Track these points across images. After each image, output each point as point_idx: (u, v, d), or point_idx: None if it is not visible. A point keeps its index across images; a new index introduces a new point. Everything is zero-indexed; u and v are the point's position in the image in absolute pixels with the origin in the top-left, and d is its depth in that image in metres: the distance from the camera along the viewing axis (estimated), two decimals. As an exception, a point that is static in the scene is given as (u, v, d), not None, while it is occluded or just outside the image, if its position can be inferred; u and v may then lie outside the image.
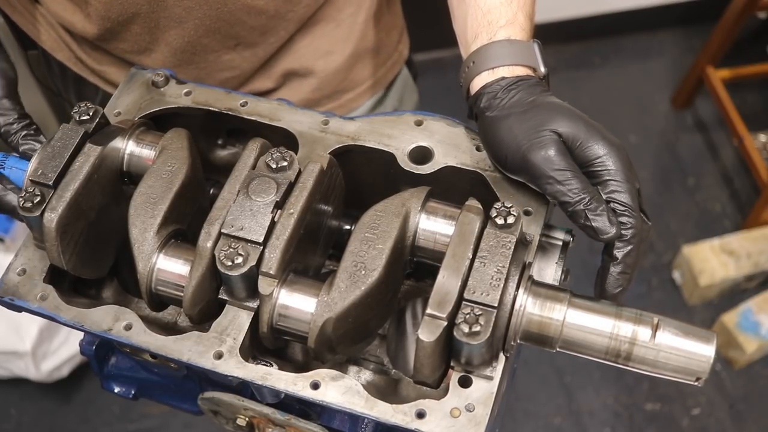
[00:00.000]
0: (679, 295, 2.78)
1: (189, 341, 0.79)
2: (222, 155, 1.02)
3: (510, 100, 0.84)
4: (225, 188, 0.81)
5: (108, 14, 1.12)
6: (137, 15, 1.12)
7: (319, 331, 0.75)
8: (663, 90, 3.32)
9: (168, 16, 1.12)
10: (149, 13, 1.12)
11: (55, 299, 0.83)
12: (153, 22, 1.13)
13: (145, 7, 1.11)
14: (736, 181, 3.06)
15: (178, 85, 0.96)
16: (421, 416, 0.73)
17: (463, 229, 0.76)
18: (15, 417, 2.55)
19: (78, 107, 0.86)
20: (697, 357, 0.73)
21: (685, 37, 3.50)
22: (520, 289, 0.75)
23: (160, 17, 1.12)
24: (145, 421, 2.54)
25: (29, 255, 0.85)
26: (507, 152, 0.81)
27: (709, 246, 2.72)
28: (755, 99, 3.26)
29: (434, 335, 0.71)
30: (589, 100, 3.32)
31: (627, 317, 0.75)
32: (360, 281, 0.76)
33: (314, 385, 0.76)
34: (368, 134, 0.90)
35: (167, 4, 1.10)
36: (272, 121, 0.92)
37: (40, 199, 0.80)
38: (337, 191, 0.88)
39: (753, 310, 2.59)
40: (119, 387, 1.05)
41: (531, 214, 0.83)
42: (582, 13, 3.38)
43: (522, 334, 0.76)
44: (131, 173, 0.88)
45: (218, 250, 0.77)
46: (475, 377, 0.75)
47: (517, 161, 0.80)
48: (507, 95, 0.84)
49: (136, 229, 0.81)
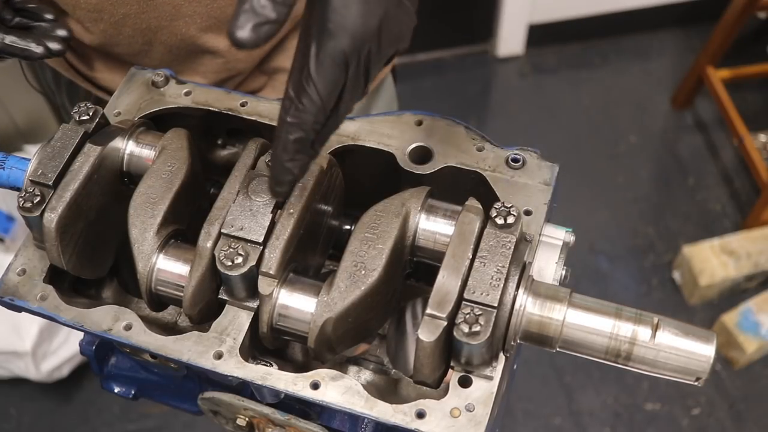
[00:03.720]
0: (679, 295, 2.79)
1: (189, 341, 0.79)
2: (222, 155, 1.02)
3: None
4: (225, 188, 0.81)
5: (100, 16, 1.11)
6: (127, 16, 1.11)
7: (319, 331, 0.75)
8: (663, 90, 3.32)
9: (158, 16, 1.12)
10: (139, 14, 1.11)
11: (55, 299, 0.83)
12: (144, 22, 1.12)
13: (135, 8, 1.10)
14: (736, 181, 3.07)
15: (177, 85, 0.96)
16: (421, 416, 0.73)
17: (463, 229, 0.76)
18: (15, 417, 2.55)
19: (78, 107, 0.86)
20: (697, 357, 0.73)
21: (685, 37, 3.50)
22: (520, 289, 0.75)
23: (151, 17, 1.12)
24: (145, 421, 2.54)
25: (29, 255, 0.85)
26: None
27: (709, 246, 2.72)
28: (755, 99, 3.26)
29: (434, 335, 0.71)
30: (589, 100, 3.32)
31: (627, 317, 0.75)
32: (360, 281, 0.76)
33: (314, 385, 0.76)
34: (368, 134, 0.90)
35: (156, 3, 1.10)
36: (272, 121, 0.92)
37: (40, 199, 0.80)
38: (337, 191, 0.88)
39: (753, 310, 2.59)
40: (119, 387, 1.05)
41: (531, 214, 0.83)
42: (582, 13, 3.38)
43: (522, 334, 0.76)
44: (131, 173, 0.88)
45: (218, 250, 0.77)
46: (475, 377, 0.75)
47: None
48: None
49: (136, 229, 0.81)
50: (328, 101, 0.69)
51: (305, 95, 0.68)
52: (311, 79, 0.68)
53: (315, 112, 0.69)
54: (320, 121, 0.70)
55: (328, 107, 0.70)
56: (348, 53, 0.67)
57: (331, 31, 0.67)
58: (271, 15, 0.63)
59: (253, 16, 0.63)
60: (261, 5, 0.63)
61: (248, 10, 0.63)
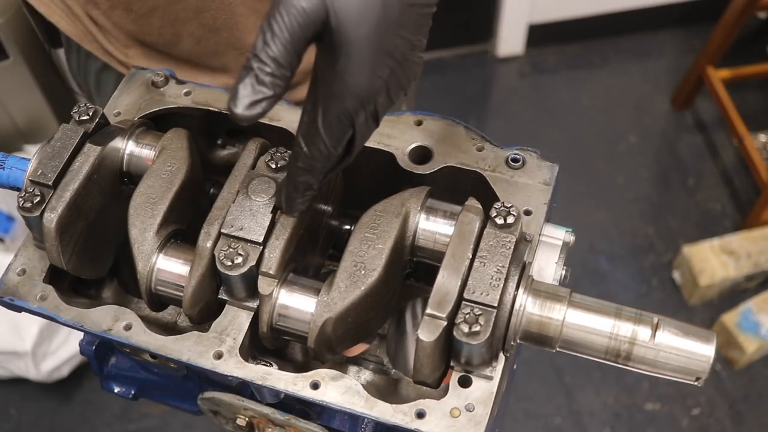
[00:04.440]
0: (679, 295, 2.79)
1: (189, 341, 0.79)
2: (222, 155, 1.02)
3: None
4: (224, 188, 0.81)
5: (130, 7, 1.14)
6: (156, 8, 1.13)
7: (318, 331, 0.75)
8: (663, 90, 3.32)
9: (185, 8, 1.14)
10: (167, 6, 1.13)
11: (55, 299, 0.83)
12: (172, 14, 1.14)
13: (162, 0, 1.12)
14: (736, 181, 3.07)
15: (177, 85, 0.96)
16: (421, 416, 0.73)
17: (462, 229, 0.76)
18: (15, 417, 2.55)
19: (77, 107, 0.85)
20: (696, 357, 0.73)
21: (685, 37, 3.50)
22: (520, 289, 0.75)
23: (179, 9, 1.14)
24: (145, 421, 2.54)
25: (29, 255, 0.85)
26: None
27: (709, 246, 2.72)
28: (755, 99, 3.26)
29: (434, 335, 0.71)
30: (589, 100, 3.32)
31: (627, 317, 0.75)
32: (360, 281, 0.76)
33: (314, 385, 0.76)
34: (368, 134, 0.90)
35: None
36: (272, 121, 0.92)
37: (40, 199, 0.80)
38: (337, 191, 0.88)
39: (753, 310, 2.59)
40: (119, 387, 1.05)
41: (531, 214, 0.83)
42: (582, 13, 3.38)
43: (522, 334, 0.76)
44: (131, 173, 0.88)
45: (218, 250, 0.77)
46: (475, 377, 0.75)
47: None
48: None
49: (136, 229, 0.81)
50: (336, 150, 0.72)
51: (314, 147, 0.71)
52: (319, 135, 0.70)
53: (324, 160, 0.72)
54: (329, 166, 0.73)
55: (337, 154, 0.72)
56: (353, 112, 0.69)
57: (336, 94, 0.68)
58: (269, 92, 0.65)
59: (252, 93, 0.65)
60: (260, 81, 0.65)
61: (247, 86, 0.65)
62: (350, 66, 0.67)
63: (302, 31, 0.65)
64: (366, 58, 0.67)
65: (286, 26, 0.64)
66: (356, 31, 0.66)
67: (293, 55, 0.65)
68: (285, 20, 0.64)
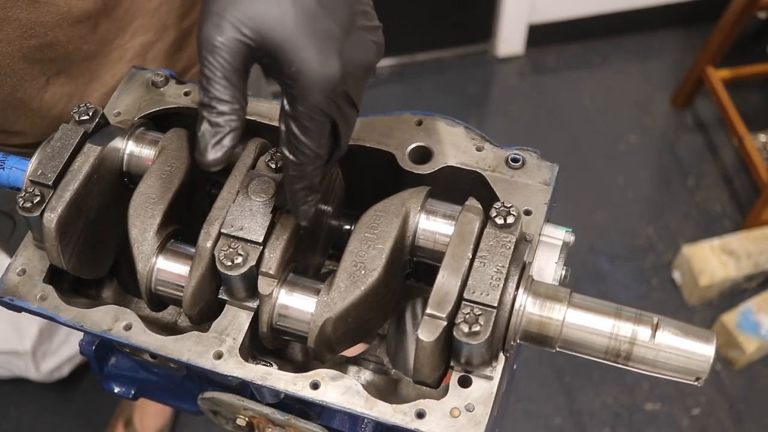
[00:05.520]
0: (679, 295, 2.79)
1: (189, 341, 0.79)
2: (222, 155, 1.02)
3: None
4: (224, 188, 0.81)
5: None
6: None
7: (318, 331, 0.75)
8: (663, 90, 3.32)
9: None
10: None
11: (55, 299, 0.83)
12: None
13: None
14: (736, 181, 3.07)
15: (177, 85, 0.96)
16: (421, 416, 0.73)
17: (462, 229, 0.76)
18: (15, 417, 2.55)
19: (77, 107, 0.86)
20: (696, 357, 0.73)
21: (685, 37, 3.50)
22: (520, 289, 0.75)
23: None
24: (145, 421, 2.54)
25: (29, 255, 0.85)
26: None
27: (709, 246, 2.72)
28: (755, 99, 3.26)
29: (434, 335, 0.71)
30: (589, 100, 3.32)
31: (627, 317, 0.75)
32: (360, 281, 0.76)
33: (314, 385, 0.76)
34: (368, 134, 0.90)
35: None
36: (272, 121, 0.92)
37: (40, 199, 0.80)
38: (337, 191, 0.88)
39: (753, 310, 2.59)
40: (119, 387, 1.05)
41: (531, 214, 0.83)
42: (582, 13, 3.38)
43: (522, 334, 0.76)
44: (131, 173, 0.88)
45: (218, 250, 0.77)
46: (474, 377, 0.75)
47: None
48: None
49: (136, 229, 0.81)
50: (321, 149, 0.71)
51: (299, 153, 0.71)
52: (299, 140, 0.70)
53: (313, 162, 0.72)
54: (320, 165, 0.73)
55: (325, 151, 0.72)
56: (323, 105, 0.69)
57: (298, 96, 0.68)
58: (225, 129, 0.67)
59: (211, 137, 0.66)
60: (213, 123, 0.66)
61: (205, 134, 0.67)
62: (295, 65, 0.67)
63: (230, 64, 0.66)
64: (306, 50, 0.67)
65: (214, 66, 0.66)
66: (281, 33, 0.66)
67: (234, 88, 0.67)
68: (211, 62, 0.66)
